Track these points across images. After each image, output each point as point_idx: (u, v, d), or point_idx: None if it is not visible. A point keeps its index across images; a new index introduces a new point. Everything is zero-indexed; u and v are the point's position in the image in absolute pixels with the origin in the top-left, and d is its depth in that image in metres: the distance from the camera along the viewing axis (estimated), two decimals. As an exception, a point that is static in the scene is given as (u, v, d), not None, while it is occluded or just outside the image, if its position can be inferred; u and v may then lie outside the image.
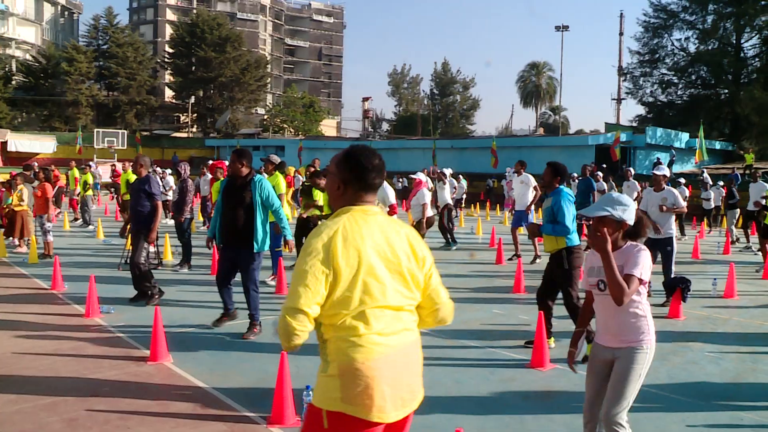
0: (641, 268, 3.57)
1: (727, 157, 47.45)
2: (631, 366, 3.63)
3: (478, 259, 14.38)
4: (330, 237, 2.61)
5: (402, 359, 2.74)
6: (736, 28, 52.28)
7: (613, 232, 3.67)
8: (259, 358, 6.58)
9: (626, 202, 3.71)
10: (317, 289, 2.55)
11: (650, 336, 3.70)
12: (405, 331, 2.77)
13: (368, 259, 2.63)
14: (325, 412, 2.63)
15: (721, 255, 15.90)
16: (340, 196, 2.81)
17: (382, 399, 2.60)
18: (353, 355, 2.61)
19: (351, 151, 2.82)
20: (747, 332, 8.27)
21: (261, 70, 75.48)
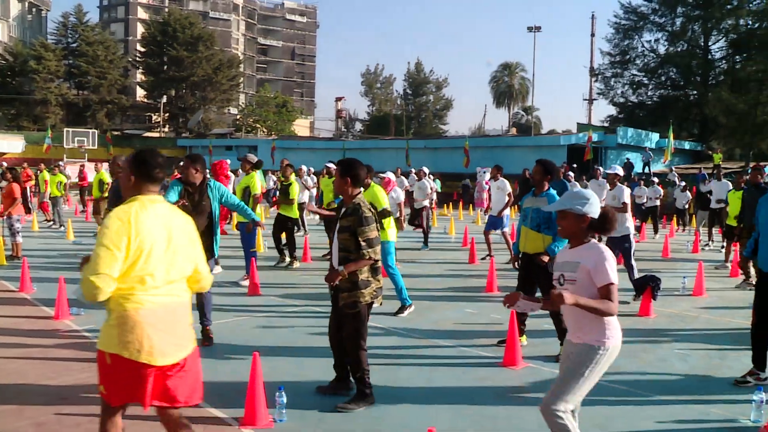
0: (613, 273, 3.59)
1: (696, 157, 48.12)
2: (579, 363, 3.64)
3: (451, 258, 14.42)
4: (124, 217, 3.37)
5: (170, 317, 3.48)
6: (704, 30, 53.07)
7: (575, 225, 3.73)
8: (232, 358, 6.54)
9: (587, 196, 3.75)
10: (115, 256, 3.26)
11: (607, 339, 3.64)
12: (174, 295, 3.53)
13: (151, 236, 3.40)
14: (107, 353, 3.38)
15: (691, 254, 16.10)
16: (131, 187, 3.57)
17: (150, 346, 3.34)
18: (128, 309, 3.36)
19: (139, 153, 3.66)
20: (715, 329, 8.39)
21: (234, 69, 75.10)
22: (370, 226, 5.08)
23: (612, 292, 3.56)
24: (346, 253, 5.12)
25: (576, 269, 3.65)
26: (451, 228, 20.15)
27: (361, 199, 5.22)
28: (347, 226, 5.11)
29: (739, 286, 11.32)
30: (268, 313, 8.67)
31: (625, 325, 3.83)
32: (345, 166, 5.28)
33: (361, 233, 5.04)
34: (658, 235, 19.69)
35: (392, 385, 5.84)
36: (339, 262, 5.16)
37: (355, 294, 5.12)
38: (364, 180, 5.35)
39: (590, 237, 3.78)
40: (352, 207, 5.15)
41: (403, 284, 8.62)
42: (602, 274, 3.58)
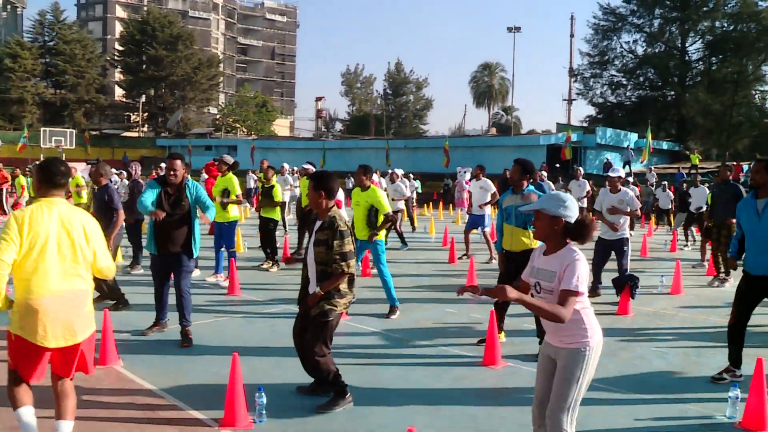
0: (577, 280, 3.52)
1: (674, 157, 48.57)
2: (568, 368, 3.62)
3: (431, 258, 14.44)
4: (22, 216, 3.99)
5: (64, 304, 4.03)
6: (681, 32, 53.66)
7: (548, 226, 3.68)
8: (211, 359, 6.49)
9: (564, 199, 3.70)
10: (11, 248, 3.88)
11: (589, 338, 3.64)
12: (70, 285, 4.08)
13: (45, 233, 3.98)
14: (12, 333, 4.03)
15: (669, 252, 16.25)
16: (37, 191, 4.21)
17: (43, 329, 3.95)
18: (26, 297, 3.96)
19: (44, 161, 4.30)
20: (692, 327, 8.47)
21: (213, 69, 74.70)
22: (345, 239, 5.05)
23: (568, 299, 3.50)
24: (322, 266, 5.10)
25: (553, 279, 3.61)
26: (431, 228, 20.17)
27: (336, 212, 5.19)
28: (323, 239, 5.08)
29: (711, 283, 11.54)
30: (247, 313, 8.63)
31: (604, 324, 3.85)
32: (318, 179, 5.20)
33: (336, 246, 5.03)
34: (635, 233, 19.81)
35: (372, 385, 5.84)
36: (316, 276, 5.14)
37: (331, 303, 5.10)
38: (336, 193, 5.30)
39: (567, 242, 3.71)
40: (328, 220, 5.11)
41: (393, 286, 8.61)
42: (568, 279, 3.53)
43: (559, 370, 3.67)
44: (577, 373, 3.61)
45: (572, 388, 3.60)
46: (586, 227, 3.66)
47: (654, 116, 50.09)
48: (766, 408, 4.97)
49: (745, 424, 5.02)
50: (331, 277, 5.07)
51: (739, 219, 6.12)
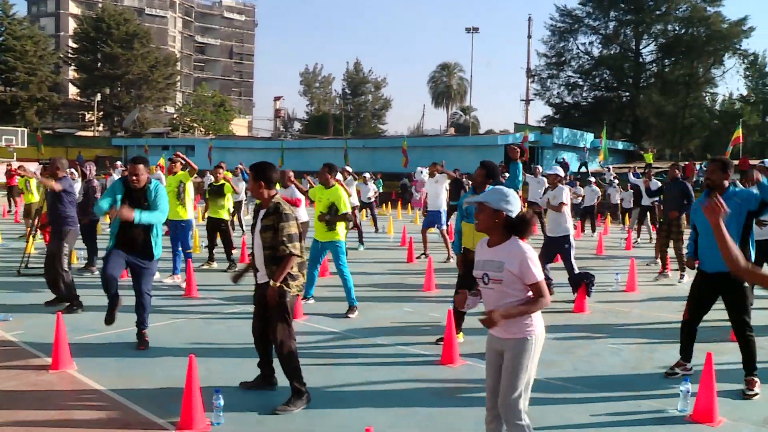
0: (536, 270, 3.73)
1: (629, 157, 49.44)
2: (517, 358, 3.77)
3: (389, 258, 14.46)
4: None
5: None
6: (636, 34, 54.75)
7: (490, 219, 3.82)
8: (168, 362, 6.41)
9: (507, 194, 3.84)
10: None
11: (534, 327, 3.80)
12: None
13: None
14: None
15: (624, 251, 16.53)
16: None
17: None
18: None
19: None
20: (646, 323, 8.63)
21: (170, 67, 73.79)
22: (290, 222, 5.14)
23: (541, 288, 3.71)
24: (271, 251, 5.15)
25: (501, 269, 3.74)
26: (390, 227, 20.20)
27: (279, 198, 5.28)
28: (269, 225, 5.15)
29: (656, 278, 11.84)
30: (205, 315, 8.54)
31: (560, 321, 3.92)
32: (257, 170, 5.30)
33: (281, 229, 5.09)
34: (595, 233, 20.12)
35: (330, 385, 5.83)
36: (264, 262, 5.20)
37: (284, 284, 5.16)
38: (276, 181, 5.39)
39: (510, 235, 3.84)
40: (273, 206, 5.19)
41: (353, 286, 8.61)
42: (529, 274, 3.71)
43: (507, 361, 3.80)
44: (525, 361, 3.77)
45: (522, 376, 3.75)
46: (527, 222, 3.83)
47: (609, 117, 51.05)
48: (715, 401, 5.10)
49: (696, 416, 5.14)
50: (280, 263, 5.11)
51: (694, 219, 6.24)
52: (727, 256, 3.31)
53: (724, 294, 5.90)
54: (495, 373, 3.92)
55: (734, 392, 5.75)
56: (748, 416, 5.29)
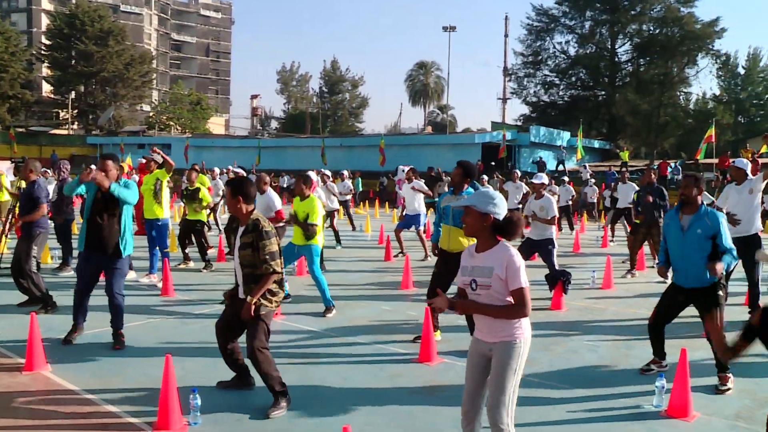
0: (522, 276, 3.70)
1: (605, 155, 49.86)
2: (505, 361, 3.74)
3: (367, 256, 14.46)
4: None
5: None
6: (611, 34, 55.22)
7: (478, 223, 3.80)
8: (144, 361, 6.36)
9: (493, 196, 3.83)
10: None
11: (522, 331, 3.78)
12: None
13: None
14: None
15: (600, 248, 16.67)
16: None
17: None
18: None
19: None
20: (622, 320, 8.71)
21: (146, 65, 73.15)
22: (271, 240, 5.10)
23: (524, 295, 3.68)
24: (250, 269, 5.12)
25: (491, 275, 3.72)
26: (367, 226, 20.19)
27: (258, 214, 5.22)
28: (248, 242, 5.11)
29: (624, 275, 11.95)
30: (181, 314, 8.48)
31: (537, 319, 3.94)
32: (234, 186, 5.22)
33: (263, 248, 5.06)
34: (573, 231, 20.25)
35: (308, 384, 5.81)
36: (243, 279, 5.16)
37: (263, 300, 5.12)
38: (254, 196, 5.30)
39: (498, 239, 3.83)
40: (251, 223, 5.14)
41: (327, 287, 8.61)
42: (514, 279, 3.69)
43: (495, 364, 3.77)
44: (513, 364, 3.74)
45: (509, 379, 3.73)
46: (514, 224, 3.79)
47: (586, 115, 51.44)
48: (689, 396, 5.17)
49: (670, 412, 5.21)
50: (261, 280, 5.07)
51: (665, 231, 6.29)
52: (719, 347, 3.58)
53: (697, 305, 5.98)
54: (477, 376, 3.89)
55: (708, 387, 5.83)
56: (722, 411, 5.37)
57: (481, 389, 3.87)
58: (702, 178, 6.12)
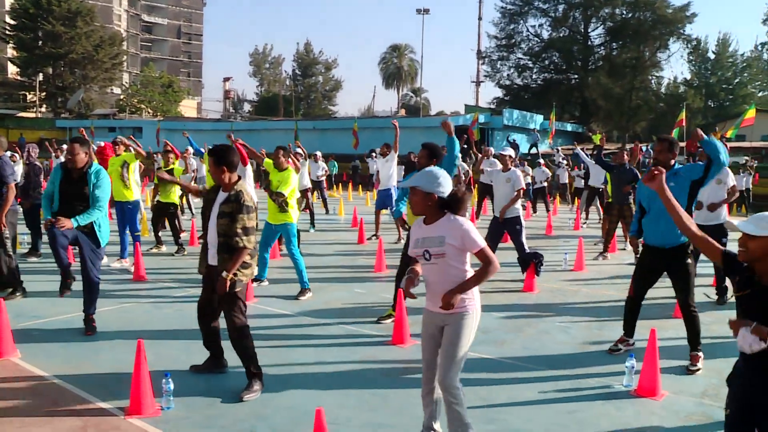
0: (478, 238, 3.87)
1: (577, 139, 50.14)
2: (459, 331, 3.93)
3: (340, 239, 14.46)
4: None
5: None
6: (585, 17, 55.43)
7: (423, 202, 3.94)
8: (116, 346, 6.30)
9: (438, 175, 3.95)
10: None
11: (475, 302, 3.99)
12: None
13: None
14: None
15: (572, 230, 16.82)
16: None
17: None
18: None
19: None
20: (594, 302, 8.81)
21: (116, 47, 71.87)
22: (250, 215, 5.06)
23: (487, 253, 3.88)
24: (225, 238, 5.06)
25: (443, 243, 3.86)
26: (341, 209, 20.18)
27: (242, 185, 5.15)
28: (228, 212, 5.04)
29: (596, 258, 12.08)
30: (154, 298, 8.42)
31: (510, 301, 3.99)
32: (218, 154, 5.11)
33: (239, 221, 5.01)
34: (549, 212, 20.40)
35: (281, 367, 5.81)
36: (218, 248, 5.10)
37: (236, 274, 5.09)
38: (237, 164, 5.23)
39: (446, 211, 3.96)
40: (234, 193, 5.07)
41: (305, 268, 8.59)
42: (472, 243, 3.85)
43: (447, 334, 3.96)
44: (465, 334, 3.93)
45: (461, 349, 3.91)
46: (460, 200, 3.96)
47: (559, 98, 51.69)
48: (658, 376, 5.27)
49: (640, 391, 5.30)
50: (233, 254, 5.03)
51: (639, 196, 6.36)
52: (677, 219, 3.55)
53: (669, 270, 6.05)
54: (434, 347, 4.07)
55: (677, 367, 5.94)
56: (689, 389, 5.47)
57: (436, 360, 4.04)
58: (677, 143, 6.19)
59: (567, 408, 5.07)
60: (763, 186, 24.95)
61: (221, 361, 5.61)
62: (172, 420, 4.67)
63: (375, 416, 4.83)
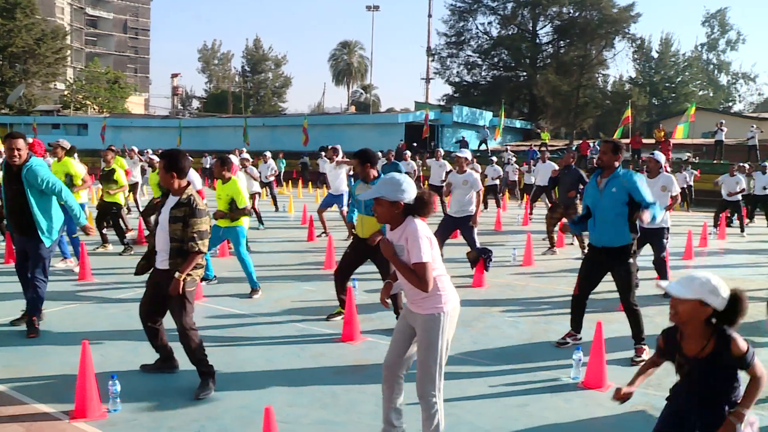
0: (420, 251, 3.69)
1: (526, 135, 50.82)
2: (426, 334, 3.83)
3: (290, 237, 14.39)
4: None
5: None
6: (533, 16, 56.12)
7: (389, 211, 3.83)
8: (60, 349, 6.16)
9: (401, 182, 3.84)
10: None
11: (443, 304, 3.85)
12: None
13: None
14: None
15: (521, 226, 17.04)
16: None
17: None
18: None
19: None
20: (542, 296, 8.95)
21: (59, 41, 70.05)
22: (203, 218, 5.03)
23: (424, 270, 3.69)
24: (178, 243, 5.01)
25: (403, 251, 3.78)
26: (290, 206, 20.06)
27: (192, 190, 5.10)
28: (180, 216, 4.98)
29: (544, 253, 12.31)
30: (100, 299, 8.25)
31: (459, 296, 4.00)
32: (169, 160, 5.06)
33: (193, 224, 4.97)
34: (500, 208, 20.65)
35: (231, 366, 5.76)
36: (171, 253, 5.04)
37: (189, 273, 5.05)
38: (188, 170, 5.18)
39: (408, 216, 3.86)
40: (186, 197, 5.02)
41: (253, 269, 8.53)
42: (412, 252, 3.72)
43: (419, 338, 3.89)
44: (434, 338, 3.81)
45: (433, 353, 3.80)
46: (425, 203, 3.83)
47: (507, 96, 52.30)
48: (604, 368, 5.39)
49: (587, 383, 5.42)
50: (187, 257, 4.99)
51: (585, 200, 6.49)
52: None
53: (612, 270, 6.19)
54: (401, 340, 4.05)
55: (623, 359, 6.07)
56: (634, 381, 5.58)
57: (401, 356, 4.02)
58: (622, 146, 6.32)
59: (516, 401, 5.14)
60: (704, 182, 25.66)
61: (172, 361, 5.54)
62: (118, 423, 4.59)
63: (326, 414, 4.83)
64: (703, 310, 3.01)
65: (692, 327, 3.08)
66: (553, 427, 4.70)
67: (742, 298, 3.01)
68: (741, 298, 3.01)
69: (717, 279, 3.04)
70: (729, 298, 3.01)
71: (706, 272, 3.07)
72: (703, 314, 3.03)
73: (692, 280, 3.03)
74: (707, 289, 2.99)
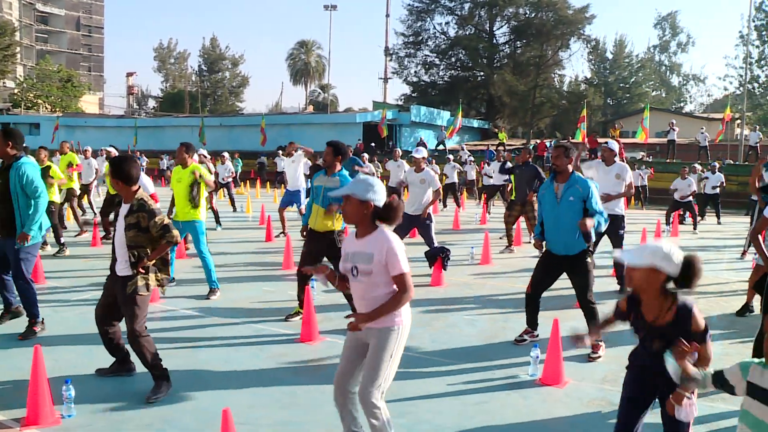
0: (402, 262, 3.69)
1: (483, 135, 51.24)
2: (382, 346, 3.74)
3: (248, 237, 14.29)
4: None
5: None
6: (490, 16, 56.62)
7: (358, 211, 3.77)
8: (11, 353, 6.01)
9: (372, 183, 3.79)
10: None
11: (401, 318, 3.80)
12: None
13: None
14: None
15: (479, 225, 17.17)
16: None
17: None
18: None
19: None
20: (500, 294, 9.03)
21: (7, 37, 68.43)
22: (159, 215, 5.00)
23: (406, 281, 3.70)
24: (137, 249, 4.97)
25: (371, 261, 3.70)
26: (248, 207, 19.91)
27: (142, 193, 5.05)
28: (134, 223, 4.94)
29: (503, 251, 12.44)
30: (54, 302, 8.07)
31: (418, 296, 4.01)
32: (116, 167, 4.99)
33: (155, 225, 4.94)
34: (460, 207, 20.78)
35: (189, 367, 5.70)
36: (129, 259, 4.98)
37: (145, 278, 5.01)
38: (137, 177, 5.07)
39: (377, 225, 3.81)
40: (137, 203, 4.97)
41: (214, 267, 8.45)
42: (394, 265, 3.68)
43: (372, 349, 3.78)
44: (390, 350, 3.75)
45: (384, 365, 3.73)
46: (394, 210, 3.78)
47: (465, 95, 52.72)
48: (561, 365, 5.47)
49: (544, 380, 5.49)
50: (158, 248, 5.02)
51: (540, 203, 6.56)
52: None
53: (569, 271, 6.28)
54: (351, 356, 3.93)
55: (579, 356, 6.15)
56: (591, 376, 5.69)
57: (352, 370, 3.90)
58: (572, 148, 6.41)
59: (475, 399, 5.18)
60: (658, 180, 26.21)
61: (128, 364, 5.45)
62: (73, 428, 4.51)
63: (285, 414, 4.81)
64: (656, 277, 3.14)
65: (649, 294, 3.21)
66: (511, 425, 4.74)
67: (694, 261, 3.12)
68: (694, 262, 3.12)
69: (669, 245, 3.15)
70: (682, 263, 3.12)
71: (659, 240, 3.16)
72: (656, 281, 3.15)
73: (644, 249, 3.16)
74: (659, 256, 3.11)
